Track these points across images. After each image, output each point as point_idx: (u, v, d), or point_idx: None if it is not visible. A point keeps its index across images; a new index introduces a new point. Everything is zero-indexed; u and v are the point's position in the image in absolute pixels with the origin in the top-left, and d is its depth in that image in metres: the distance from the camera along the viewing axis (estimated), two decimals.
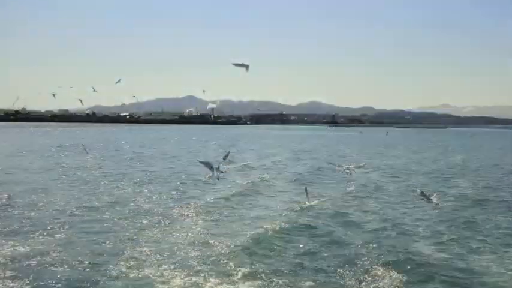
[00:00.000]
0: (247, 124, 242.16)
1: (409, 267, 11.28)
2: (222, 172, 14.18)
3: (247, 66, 12.78)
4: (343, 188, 23.83)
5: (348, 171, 17.46)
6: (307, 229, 14.95)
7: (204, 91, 20.66)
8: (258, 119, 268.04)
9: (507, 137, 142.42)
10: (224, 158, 15.47)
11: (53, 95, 25.46)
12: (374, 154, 53.65)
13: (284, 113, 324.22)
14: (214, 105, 16.37)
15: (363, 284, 10.43)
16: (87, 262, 11.25)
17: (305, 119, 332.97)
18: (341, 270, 11.18)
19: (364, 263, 11.64)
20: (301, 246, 13.18)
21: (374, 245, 13.10)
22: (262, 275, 10.72)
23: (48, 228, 14.33)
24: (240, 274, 10.75)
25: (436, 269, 11.29)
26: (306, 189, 18.24)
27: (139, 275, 10.56)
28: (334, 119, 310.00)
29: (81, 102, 26.66)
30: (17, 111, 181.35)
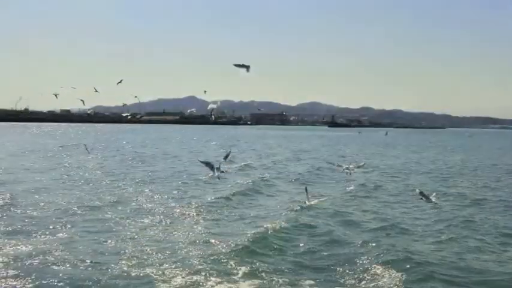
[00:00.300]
0: (248, 124, 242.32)
1: (408, 266, 11.31)
2: (222, 172, 14.16)
3: (248, 67, 12.73)
4: (343, 188, 23.98)
5: (347, 171, 17.50)
6: (307, 228, 15.00)
7: (205, 91, 20.65)
8: (258, 119, 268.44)
9: (506, 137, 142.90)
10: (225, 158, 15.51)
11: (55, 95, 25.50)
12: (373, 154, 53.92)
13: (284, 113, 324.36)
14: (215, 106, 16.31)
15: (363, 282, 10.49)
16: (89, 261, 11.29)
17: (305, 119, 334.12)
18: (341, 269, 11.24)
19: (364, 261, 11.69)
20: (301, 245, 13.24)
21: (373, 244, 13.16)
22: (263, 274, 10.76)
23: (51, 227, 14.38)
24: (240, 273, 10.79)
25: (435, 267, 11.32)
26: (306, 189, 18.31)
27: (141, 274, 10.58)
28: (333, 120, 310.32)
29: (83, 102, 26.63)
30: (19, 111, 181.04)
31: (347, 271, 11.12)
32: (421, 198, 13.80)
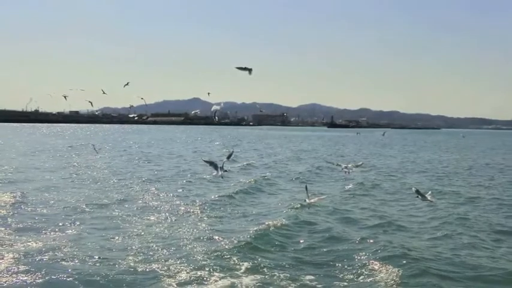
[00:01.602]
0: (250, 125, 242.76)
1: (404, 261, 11.53)
2: (225, 171, 14.43)
3: (250, 70, 12.92)
4: (342, 186, 24.35)
5: (346, 170, 17.74)
6: (307, 225, 15.27)
7: (208, 93, 21.06)
8: (260, 120, 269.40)
9: (499, 137, 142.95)
10: (228, 158, 15.82)
11: (65, 97, 25.99)
12: (371, 154, 54.25)
13: (285, 114, 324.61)
14: (218, 107, 16.64)
15: (361, 277, 10.74)
16: (97, 257, 11.54)
17: (305, 120, 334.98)
18: (340, 265, 11.51)
19: (362, 257, 11.94)
20: (301, 241, 13.52)
21: (371, 241, 13.45)
22: (264, 269, 11.02)
23: (60, 224, 14.68)
24: (243, 268, 11.05)
25: (430, 263, 11.55)
26: (306, 187, 18.47)
27: (147, 269, 10.83)
28: (333, 121, 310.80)
29: (91, 104, 27.10)
30: (30, 112, 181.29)
31: (346, 266, 11.38)
32: (417, 197, 13.95)
